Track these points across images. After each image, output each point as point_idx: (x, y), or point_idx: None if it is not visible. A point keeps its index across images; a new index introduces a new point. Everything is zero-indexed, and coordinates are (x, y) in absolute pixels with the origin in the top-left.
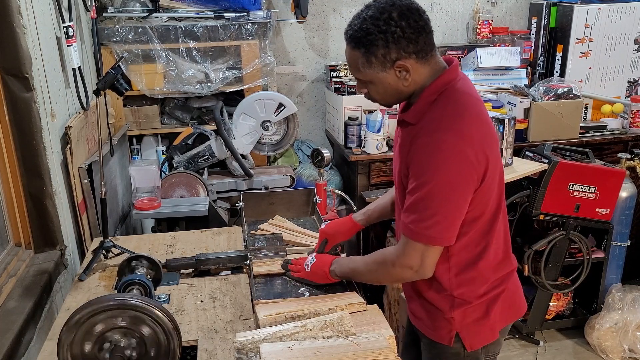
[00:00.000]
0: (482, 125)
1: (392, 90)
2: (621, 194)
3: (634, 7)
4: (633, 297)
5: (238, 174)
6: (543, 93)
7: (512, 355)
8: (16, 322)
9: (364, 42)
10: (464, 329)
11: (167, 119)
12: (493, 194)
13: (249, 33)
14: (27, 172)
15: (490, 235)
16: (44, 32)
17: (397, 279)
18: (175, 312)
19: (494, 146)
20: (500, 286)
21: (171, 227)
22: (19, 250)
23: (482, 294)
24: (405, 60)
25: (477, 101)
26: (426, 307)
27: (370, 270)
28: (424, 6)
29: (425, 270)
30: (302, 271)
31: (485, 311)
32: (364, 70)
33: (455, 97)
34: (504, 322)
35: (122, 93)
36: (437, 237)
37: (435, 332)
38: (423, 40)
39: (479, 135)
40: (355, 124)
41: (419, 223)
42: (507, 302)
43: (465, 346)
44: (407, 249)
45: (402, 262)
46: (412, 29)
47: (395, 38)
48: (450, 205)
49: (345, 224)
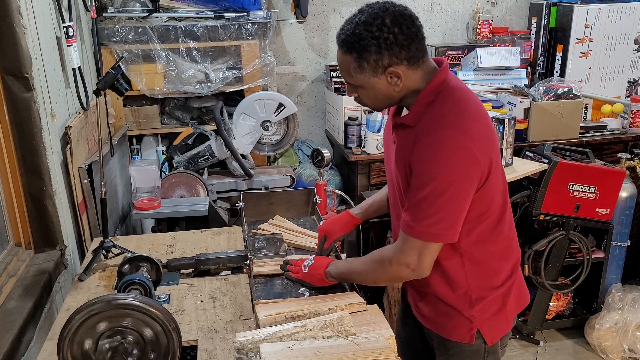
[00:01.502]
0: (483, 121)
1: (382, 95)
2: (621, 194)
3: (634, 7)
4: (633, 297)
5: (238, 174)
6: (543, 93)
7: (512, 355)
8: (16, 322)
9: (356, 47)
10: (484, 324)
11: (167, 119)
12: (499, 189)
13: (249, 33)
14: (27, 172)
15: (500, 229)
16: (44, 32)
17: (394, 277)
18: (175, 312)
19: (496, 142)
20: (512, 276)
21: (171, 227)
22: (19, 250)
23: (498, 286)
24: (397, 67)
25: (473, 97)
26: (440, 308)
27: (367, 269)
28: (423, 6)
29: (423, 268)
30: (300, 272)
31: (502, 303)
32: (355, 75)
33: (453, 95)
34: (516, 311)
35: (122, 93)
36: (440, 234)
37: (454, 331)
38: (415, 46)
39: (481, 132)
40: (355, 124)
41: (422, 221)
42: (518, 291)
43: (486, 341)
44: (406, 246)
45: (400, 260)
46: (404, 36)
47: (387, 44)
48: (454, 202)
49: (342, 219)
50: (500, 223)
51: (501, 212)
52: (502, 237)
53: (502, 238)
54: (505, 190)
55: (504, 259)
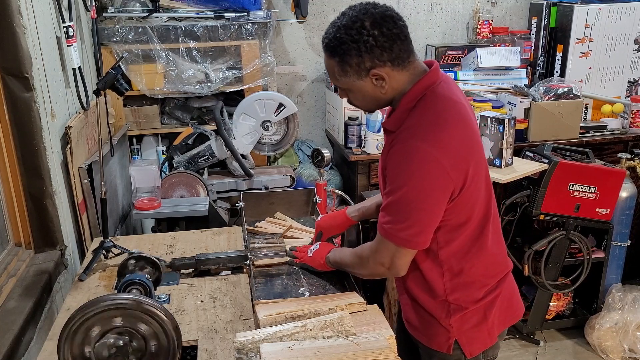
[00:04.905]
0: (464, 130)
1: (370, 97)
2: (621, 194)
3: (634, 7)
4: (633, 297)
5: (238, 174)
6: (543, 93)
7: (512, 355)
8: (16, 322)
9: (338, 52)
10: (462, 336)
11: (167, 119)
12: (479, 199)
13: (249, 33)
14: (27, 172)
15: (482, 240)
16: (44, 32)
17: (373, 273)
18: (175, 312)
19: (478, 150)
20: (496, 290)
21: (171, 227)
22: (19, 250)
23: (479, 299)
24: (380, 69)
25: (458, 105)
26: (422, 315)
27: (352, 262)
28: (423, 6)
29: (397, 269)
30: (305, 257)
31: (483, 316)
32: (340, 78)
33: (435, 102)
34: (502, 326)
35: (122, 93)
36: (408, 240)
37: (433, 340)
38: (398, 47)
39: (458, 143)
40: (355, 124)
41: (392, 225)
42: (504, 305)
43: (465, 353)
44: (380, 246)
45: (375, 259)
46: (385, 37)
47: (368, 47)
48: (422, 212)
49: (339, 218)
50: (482, 236)
51: (482, 223)
52: (484, 251)
53: (484, 252)
54: (490, 202)
55: (486, 274)
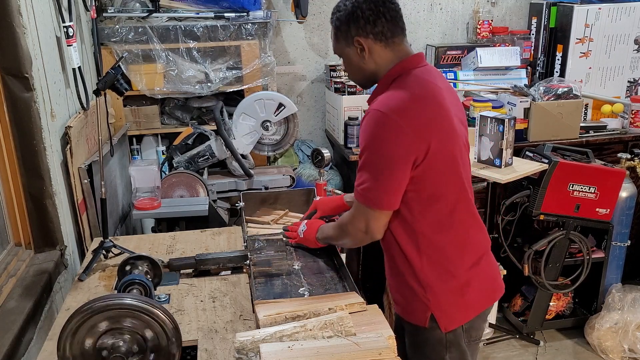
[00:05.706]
0: (433, 107)
1: (354, 66)
2: (621, 194)
3: (634, 7)
4: (633, 297)
5: (238, 174)
6: (543, 93)
7: (512, 355)
8: (16, 322)
9: (334, 19)
10: (437, 310)
11: (167, 119)
12: (452, 178)
13: (249, 33)
14: (27, 172)
15: (456, 217)
16: (44, 32)
17: (355, 240)
18: (175, 312)
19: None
20: (474, 268)
21: (171, 227)
22: (19, 250)
23: (454, 276)
24: (363, 39)
25: (432, 85)
26: (403, 291)
27: (336, 234)
28: (424, 6)
29: (373, 232)
30: (297, 237)
31: (460, 293)
32: (335, 45)
33: (409, 80)
34: (481, 305)
35: (122, 93)
36: (375, 201)
37: (412, 314)
38: (382, 24)
39: (423, 116)
40: (355, 124)
41: (360, 186)
42: (483, 284)
43: (440, 327)
44: (356, 212)
45: (353, 224)
46: (370, 11)
47: (354, 17)
48: (384, 173)
49: (336, 202)
50: (456, 211)
51: (456, 199)
52: (459, 229)
53: (459, 230)
54: (465, 180)
55: (461, 249)
